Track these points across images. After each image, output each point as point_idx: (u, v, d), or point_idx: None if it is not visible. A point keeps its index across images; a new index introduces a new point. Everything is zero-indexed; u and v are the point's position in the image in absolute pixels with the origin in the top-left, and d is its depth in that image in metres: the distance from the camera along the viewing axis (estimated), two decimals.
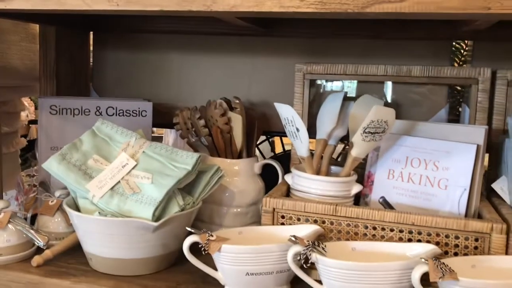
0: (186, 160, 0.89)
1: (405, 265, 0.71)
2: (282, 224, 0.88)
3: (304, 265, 0.74)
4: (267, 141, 1.49)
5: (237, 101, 1.07)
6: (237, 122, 1.03)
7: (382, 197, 0.96)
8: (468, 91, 1.04)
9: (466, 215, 0.89)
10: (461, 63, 1.10)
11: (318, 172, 0.98)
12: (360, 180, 0.97)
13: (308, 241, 0.75)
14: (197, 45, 1.22)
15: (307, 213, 0.87)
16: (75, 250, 0.91)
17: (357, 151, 0.91)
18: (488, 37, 1.05)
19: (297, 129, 0.89)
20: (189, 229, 0.79)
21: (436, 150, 0.92)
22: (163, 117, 1.21)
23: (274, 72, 1.18)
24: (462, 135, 0.91)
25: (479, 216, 0.88)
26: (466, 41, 1.09)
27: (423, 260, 0.69)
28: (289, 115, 0.88)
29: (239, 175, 1.05)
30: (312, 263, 0.75)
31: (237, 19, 0.95)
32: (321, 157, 1.00)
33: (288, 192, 0.98)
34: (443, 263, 0.68)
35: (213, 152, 1.07)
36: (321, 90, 1.16)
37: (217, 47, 1.21)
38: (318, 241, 0.76)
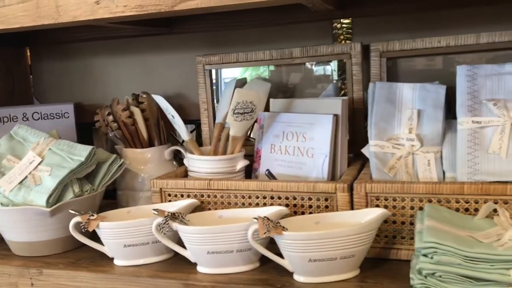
0: (82, 152, 1.01)
1: (247, 226, 0.81)
2: (170, 201, 0.99)
3: (164, 233, 0.85)
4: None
5: (144, 96, 1.19)
6: (138, 115, 1.15)
7: (267, 169, 1.05)
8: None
9: (332, 179, 0.98)
10: (344, 40, 1.18)
11: (216, 153, 1.08)
12: None
13: (168, 212, 0.86)
14: (115, 49, 1.35)
15: (188, 189, 0.98)
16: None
17: (233, 131, 1.01)
18: (363, 13, 1.12)
19: (173, 116, 1.00)
20: (71, 211, 0.92)
21: (304, 123, 1.01)
22: (92, 116, 1.33)
23: (183, 66, 1.28)
24: (325, 107, 1.00)
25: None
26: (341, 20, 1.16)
27: (255, 219, 0.79)
28: (164, 104, 0.99)
29: (150, 162, 1.17)
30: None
31: (122, 24, 1.06)
32: (219, 139, 1.10)
33: (186, 174, 1.09)
34: (271, 221, 0.78)
35: (126, 144, 1.19)
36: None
37: (132, 48, 1.33)
38: (179, 212, 0.87)
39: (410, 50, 1.05)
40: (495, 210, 0.78)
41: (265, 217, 0.79)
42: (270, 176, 1.05)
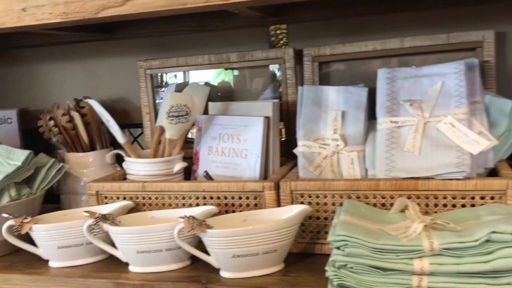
0: (19, 157, 1.02)
1: (174, 225, 0.84)
2: (106, 203, 1.01)
3: (95, 234, 0.88)
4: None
5: (86, 100, 1.20)
6: (78, 119, 1.16)
7: (205, 171, 1.09)
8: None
9: (265, 178, 1.02)
10: (285, 45, 1.22)
11: (156, 156, 1.11)
12: None
13: (99, 214, 0.88)
14: (59, 55, 1.36)
15: (123, 192, 1.00)
16: None
17: (169, 133, 1.04)
18: (297, 19, 1.17)
19: (107, 120, 1.02)
20: (4, 215, 0.93)
21: (238, 125, 1.05)
22: (37, 122, 1.34)
23: (126, 71, 1.31)
24: (258, 110, 1.04)
25: None
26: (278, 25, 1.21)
27: (180, 219, 0.82)
28: (98, 109, 1.02)
29: (92, 166, 1.19)
30: None
31: (60, 30, 1.08)
32: (160, 142, 1.13)
33: (126, 177, 1.11)
34: (196, 220, 0.81)
35: (67, 148, 1.20)
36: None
37: (75, 54, 1.35)
38: (109, 214, 0.89)
39: (340, 54, 1.10)
40: None
41: (190, 216, 0.82)
42: (208, 177, 1.08)
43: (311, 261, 0.88)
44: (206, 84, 1.23)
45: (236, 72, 1.26)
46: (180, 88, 1.16)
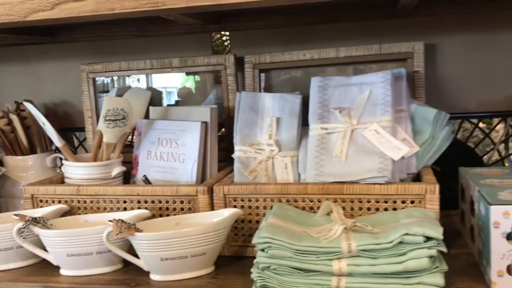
0: None
1: (103, 229, 0.84)
2: (41, 207, 1.01)
3: (24, 237, 0.87)
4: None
5: (25, 104, 1.19)
6: (17, 122, 1.15)
7: (144, 175, 1.09)
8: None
9: (202, 183, 1.03)
10: (225, 52, 1.24)
11: (96, 159, 1.10)
12: None
13: (29, 217, 0.87)
14: (2, 57, 1.34)
15: (58, 195, 1.00)
16: None
17: (106, 137, 1.04)
18: (239, 27, 1.19)
19: (43, 123, 1.02)
20: None
21: (177, 130, 1.06)
22: None
23: (68, 74, 1.30)
24: (197, 115, 1.06)
25: None
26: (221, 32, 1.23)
27: (110, 222, 0.83)
28: (34, 112, 1.01)
29: (32, 169, 1.18)
30: None
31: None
32: (100, 146, 1.13)
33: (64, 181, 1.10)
34: (125, 223, 0.82)
35: (6, 151, 1.18)
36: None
37: (19, 56, 1.34)
38: (40, 217, 0.89)
39: (280, 62, 1.13)
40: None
41: (119, 219, 0.82)
42: (147, 181, 1.08)
43: (242, 263, 0.89)
44: (149, 89, 1.24)
45: (198, 78, 1.28)
46: (121, 92, 1.17)
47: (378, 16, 1.10)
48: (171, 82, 1.30)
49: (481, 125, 1.67)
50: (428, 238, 0.71)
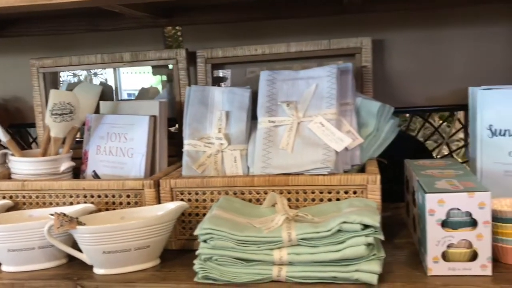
0: None
1: (45, 223, 0.83)
2: None
3: None
4: None
5: None
6: None
7: (93, 171, 1.08)
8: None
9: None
10: (177, 47, 1.24)
11: (45, 155, 1.08)
12: None
13: None
14: None
15: (2, 191, 0.97)
16: None
17: (54, 132, 1.03)
18: (191, 21, 1.19)
19: None
20: None
21: (126, 124, 1.05)
22: None
23: (19, 69, 1.27)
24: (146, 109, 1.05)
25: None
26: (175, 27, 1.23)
27: (51, 216, 0.81)
28: None
29: None
30: None
31: None
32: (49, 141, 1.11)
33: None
34: (66, 216, 0.81)
35: None
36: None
37: None
38: None
39: (232, 57, 1.14)
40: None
41: (61, 213, 0.81)
42: (96, 177, 1.07)
43: (189, 256, 0.88)
44: (101, 84, 1.22)
45: (164, 78, 1.27)
46: (72, 87, 1.15)
47: (327, 12, 1.12)
48: (142, 83, 1.29)
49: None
50: (366, 226, 0.73)
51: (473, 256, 0.74)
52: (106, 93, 1.22)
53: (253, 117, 1.00)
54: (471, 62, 1.13)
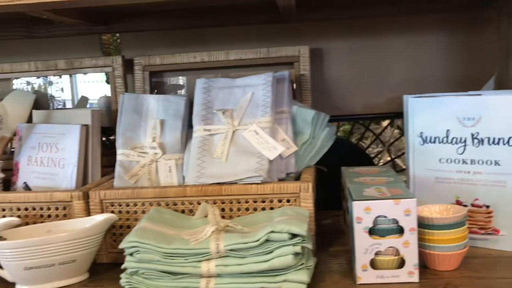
0: None
1: None
2: None
3: None
4: None
5: None
6: None
7: (25, 182, 1.03)
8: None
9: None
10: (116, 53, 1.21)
11: None
12: None
13: None
14: None
15: None
16: None
17: None
18: (129, 28, 1.17)
19: None
20: None
21: (57, 134, 1.01)
22: None
23: None
24: (78, 118, 1.02)
25: None
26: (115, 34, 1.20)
27: None
28: None
29: None
30: None
31: None
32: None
33: None
34: None
35: None
36: None
37: None
38: None
39: (170, 64, 1.12)
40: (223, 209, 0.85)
41: None
42: (27, 188, 1.03)
43: (119, 270, 0.84)
44: (35, 92, 1.18)
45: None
46: (3, 95, 1.10)
47: (265, 20, 1.12)
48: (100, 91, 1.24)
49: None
50: (294, 235, 0.72)
51: (401, 263, 0.74)
52: (42, 102, 1.18)
53: (190, 126, 0.99)
54: (407, 70, 1.15)
